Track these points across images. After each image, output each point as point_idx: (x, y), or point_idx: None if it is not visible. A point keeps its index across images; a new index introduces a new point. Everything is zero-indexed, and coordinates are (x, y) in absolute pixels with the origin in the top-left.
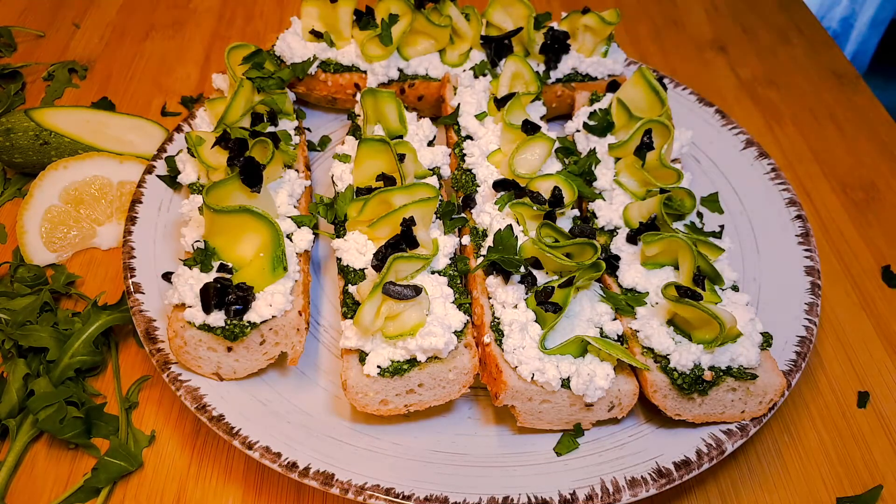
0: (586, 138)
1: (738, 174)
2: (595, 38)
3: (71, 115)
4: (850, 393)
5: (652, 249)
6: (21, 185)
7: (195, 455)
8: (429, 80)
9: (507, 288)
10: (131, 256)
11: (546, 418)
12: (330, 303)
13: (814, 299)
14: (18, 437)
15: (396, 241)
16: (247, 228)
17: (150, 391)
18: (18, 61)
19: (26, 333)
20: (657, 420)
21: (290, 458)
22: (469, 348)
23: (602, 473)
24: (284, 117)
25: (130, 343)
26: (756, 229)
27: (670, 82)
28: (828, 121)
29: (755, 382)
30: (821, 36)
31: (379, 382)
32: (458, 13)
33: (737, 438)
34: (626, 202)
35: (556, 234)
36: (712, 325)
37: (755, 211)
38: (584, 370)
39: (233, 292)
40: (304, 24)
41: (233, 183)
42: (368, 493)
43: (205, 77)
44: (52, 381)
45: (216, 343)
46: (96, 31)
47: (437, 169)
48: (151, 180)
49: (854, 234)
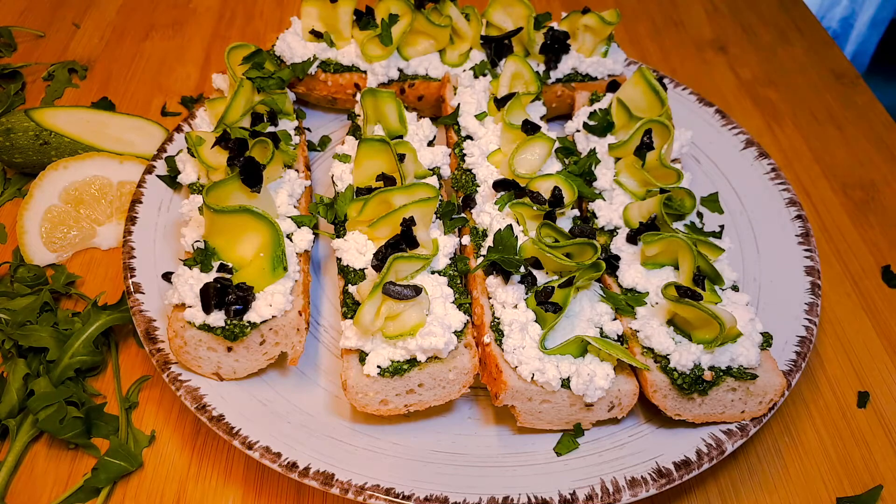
0: (586, 138)
1: (738, 174)
2: (595, 38)
3: (71, 115)
4: (850, 393)
5: (652, 249)
6: (21, 185)
7: (195, 455)
8: (429, 80)
9: (507, 288)
10: (131, 256)
11: (546, 418)
12: (330, 303)
13: (814, 299)
14: (18, 437)
15: (396, 241)
16: (247, 228)
17: (150, 391)
18: (18, 61)
19: (26, 333)
20: (657, 420)
21: (290, 458)
22: (469, 348)
23: (602, 473)
24: (284, 117)
25: (130, 343)
26: (756, 229)
27: (670, 82)
28: (828, 121)
29: (755, 382)
30: (821, 36)
31: (379, 382)
32: (458, 13)
33: (737, 438)
34: (626, 202)
35: (556, 234)
36: (712, 325)
37: (755, 211)
38: (584, 370)
39: (233, 292)
40: (304, 24)
41: (233, 183)
42: (368, 493)
43: (205, 77)
44: (52, 381)
45: (216, 343)
46: (96, 31)
47: (437, 169)
48: (151, 180)
49: (854, 234)
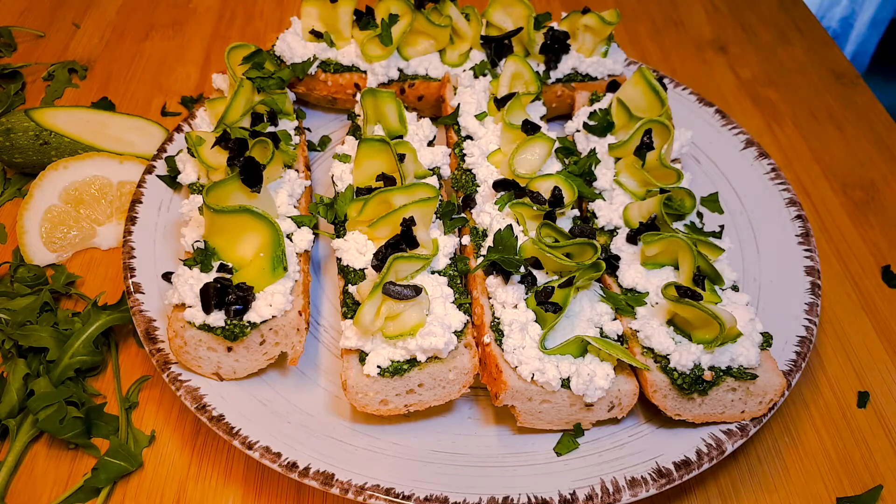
0: (586, 138)
1: (738, 174)
2: (595, 38)
3: (71, 115)
4: (850, 393)
5: (652, 249)
6: (21, 185)
7: (195, 455)
8: (429, 80)
9: (507, 288)
10: (131, 256)
11: (546, 418)
12: (330, 303)
13: (814, 299)
14: (18, 437)
15: (396, 241)
16: (247, 228)
17: (150, 391)
18: (18, 61)
19: (26, 333)
20: (657, 420)
21: (290, 458)
22: (469, 348)
23: (602, 473)
24: (284, 117)
25: (130, 343)
26: (756, 229)
27: (670, 82)
28: (828, 121)
29: (755, 382)
30: (821, 36)
31: (379, 382)
32: (458, 13)
33: (737, 438)
34: (626, 202)
35: (556, 234)
36: (712, 325)
37: (755, 211)
38: (584, 370)
39: (233, 292)
40: (304, 24)
41: (233, 183)
42: (368, 493)
43: (205, 77)
44: (52, 381)
45: (216, 343)
46: (96, 31)
47: (437, 169)
48: (151, 180)
49: (854, 234)
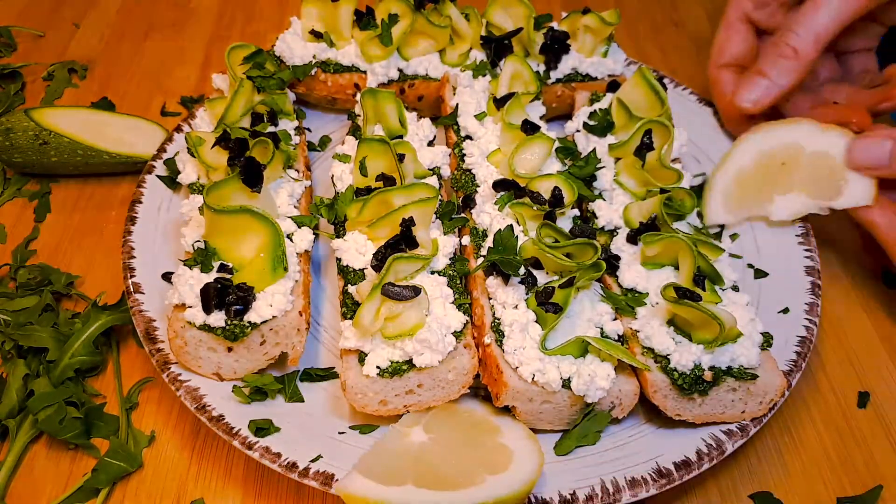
0: (586, 138)
1: None
2: (595, 39)
3: (71, 115)
4: (850, 393)
5: (652, 249)
6: (21, 185)
7: (195, 455)
8: (429, 80)
9: (508, 288)
10: (131, 256)
11: (547, 419)
12: (330, 303)
13: (814, 299)
14: (18, 437)
15: (396, 242)
16: (247, 229)
17: (150, 391)
18: (18, 61)
19: (26, 334)
20: (657, 420)
21: (290, 458)
22: (468, 349)
23: (602, 473)
24: (284, 117)
25: (130, 343)
26: (756, 229)
27: (670, 82)
28: None
29: (755, 382)
30: None
31: (378, 383)
32: (458, 13)
33: (737, 438)
34: (626, 202)
35: (556, 234)
36: (712, 325)
37: None
38: (584, 370)
39: (233, 292)
40: (304, 24)
41: (233, 183)
42: None
43: (205, 77)
44: (52, 381)
45: (216, 343)
46: (96, 31)
47: (437, 169)
48: (151, 180)
49: (854, 234)
